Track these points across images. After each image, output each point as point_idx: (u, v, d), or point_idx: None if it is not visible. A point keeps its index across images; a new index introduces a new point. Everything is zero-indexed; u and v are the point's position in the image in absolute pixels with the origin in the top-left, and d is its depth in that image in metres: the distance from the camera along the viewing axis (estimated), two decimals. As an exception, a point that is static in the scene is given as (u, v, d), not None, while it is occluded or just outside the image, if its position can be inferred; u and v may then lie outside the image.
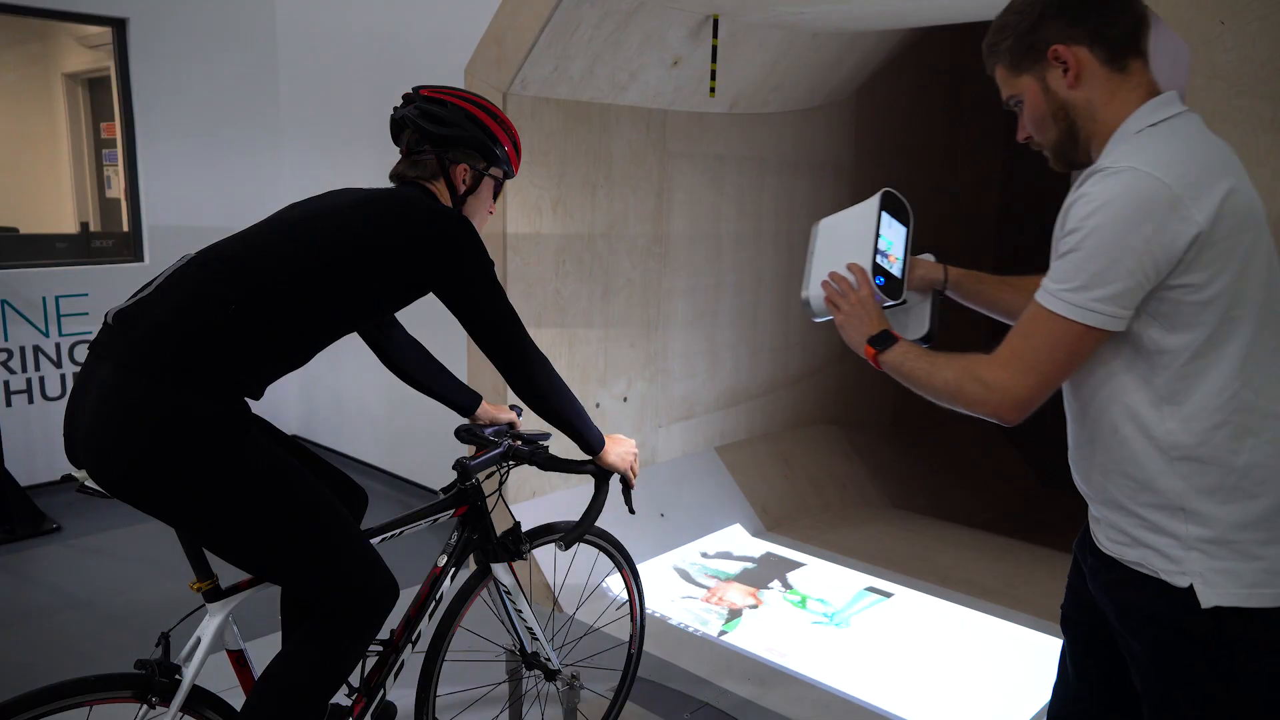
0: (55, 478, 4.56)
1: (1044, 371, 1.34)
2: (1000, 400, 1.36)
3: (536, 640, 2.31)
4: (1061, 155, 1.47)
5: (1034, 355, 1.34)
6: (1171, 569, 1.34)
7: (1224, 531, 1.31)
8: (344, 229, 1.82)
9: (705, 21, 3.77)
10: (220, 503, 1.67)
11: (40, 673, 2.94)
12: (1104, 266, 1.27)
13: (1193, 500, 1.32)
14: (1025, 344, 1.35)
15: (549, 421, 1.96)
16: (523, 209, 3.66)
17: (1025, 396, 1.34)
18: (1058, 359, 1.33)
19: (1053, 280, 1.33)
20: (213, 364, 1.66)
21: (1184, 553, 1.33)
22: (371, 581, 1.80)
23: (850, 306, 1.63)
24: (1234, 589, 1.30)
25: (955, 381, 1.41)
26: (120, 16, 4.66)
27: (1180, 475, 1.33)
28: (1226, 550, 1.31)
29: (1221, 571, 1.31)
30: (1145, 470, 1.35)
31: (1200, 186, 1.26)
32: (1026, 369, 1.34)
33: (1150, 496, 1.36)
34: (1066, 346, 1.32)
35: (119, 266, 4.82)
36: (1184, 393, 1.31)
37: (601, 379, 4.12)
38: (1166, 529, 1.35)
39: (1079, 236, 1.29)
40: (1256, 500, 1.31)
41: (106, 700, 1.69)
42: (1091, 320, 1.29)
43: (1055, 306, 1.31)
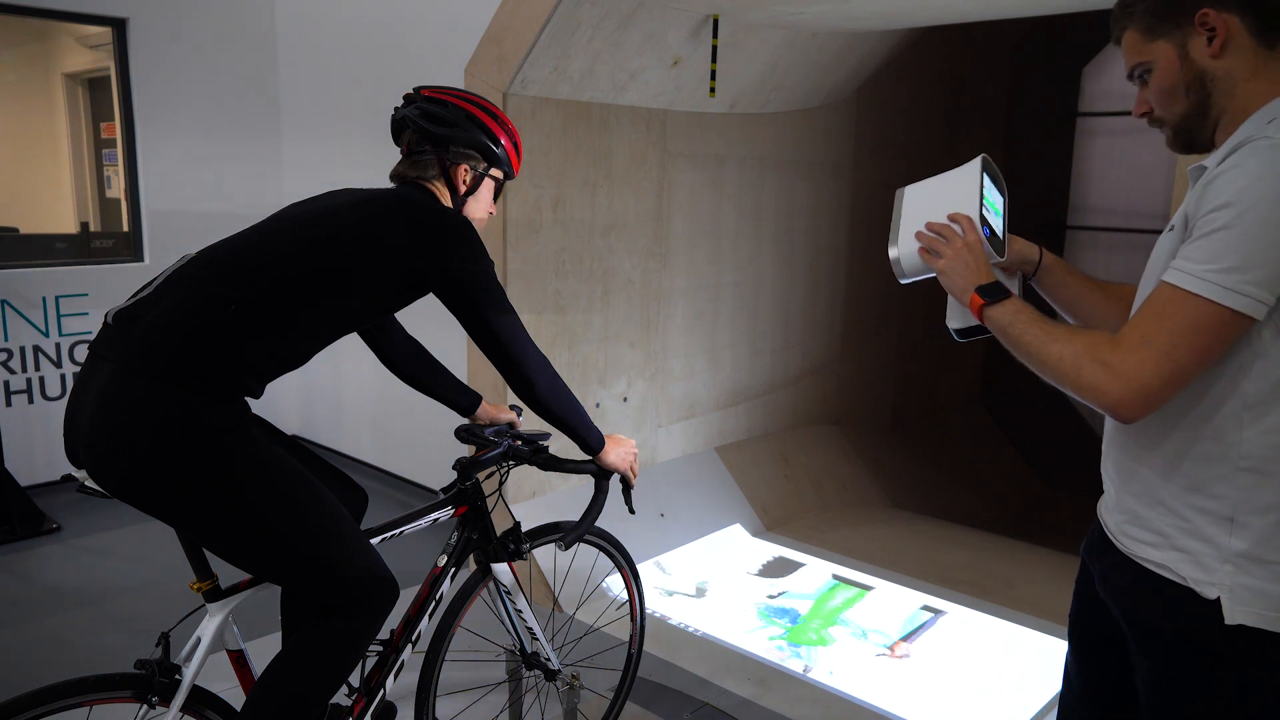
0: (55, 478, 4.56)
1: (1180, 361, 1.19)
2: (1125, 390, 1.22)
3: (536, 640, 2.31)
4: (1185, 132, 1.35)
5: (1170, 341, 1.19)
6: (1201, 578, 1.27)
7: (1266, 550, 1.24)
8: (344, 229, 1.82)
9: (705, 21, 3.77)
10: (220, 503, 1.67)
11: (40, 673, 2.94)
12: (1262, 247, 1.14)
13: (1245, 513, 1.25)
14: (1160, 328, 1.20)
15: (549, 422, 1.96)
16: (523, 209, 3.66)
17: (1155, 388, 1.21)
18: (1197, 347, 1.19)
19: (1194, 260, 1.19)
20: (213, 364, 1.66)
21: (1218, 564, 1.26)
22: (371, 581, 1.80)
23: (955, 252, 1.47)
24: (1262, 609, 1.24)
25: (1073, 361, 1.26)
26: (120, 16, 4.66)
27: (1240, 486, 1.25)
28: (1263, 569, 1.24)
29: (1253, 589, 1.24)
30: (1206, 473, 1.27)
31: None
32: (1160, 356, 1.19)
33: (1201, 500, 1.28)
34: (1210, 333, 1.18)
35: (119, 266, 4.82)
36: (1272, 404, 1.22)
37: (601, 379, 4.12)
38: (1208, 536, 1.27)
39: (1233, 212, 1.16)
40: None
41: (106, 700, 1.69)
42: (1242, 305, 1.16)
43: (1199, 289, 1.17)
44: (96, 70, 5.91)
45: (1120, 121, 7.04)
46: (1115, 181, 7.05)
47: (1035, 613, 3.67)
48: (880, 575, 4.05)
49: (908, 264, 1.56)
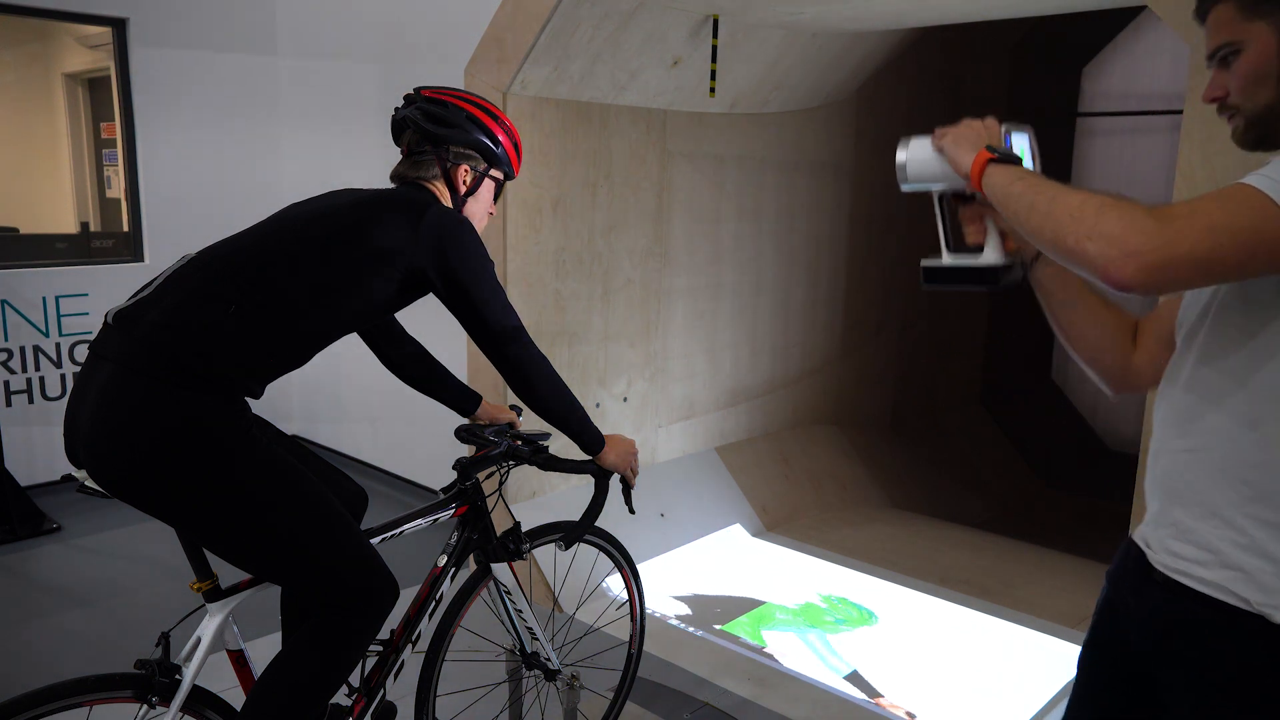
0: (55, 478, 4.56)
1: (1219, 249, 1.05)
2: (1144, 246, 1.04)
3: (536, 640, 2.31)
4: (1262, 124, 1.22)
5: (1224, 221, 1.05)
6: (1262, 599, 1.14)
7: None
8: (344, 229, 1.82)
9: (705, 21, 3.77)
10: (220, 503, 1.67)
11: (40, 673, 2.94)
12: None
13: None
14: (1217, 208, 1.06)
15: (549, 421, 1.96)
16: (523, 209, 3.66)
17: (1177, 261, 1.04)
18: (1244, 245, 1.05)
19: (1272, 172, 1.07)
20: (213, 364, 1.66)
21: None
22: (371, 581, 1.80)
23: (967, 125, 1.32)
24: None
25: (1097, 208, 1.09)
26: (120, 16, 4.66)
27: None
28: None
29: None
30: (1273, 482, 1.15)
31: None
32: (1203, 232, 1.04)
33: (1264, 510, 1.15)
34: (1263, 236, 1.05)
35: (119, 266, 4.82)
36: None
37: (601, 379, 4.12)
38: (1271, 551, 1.14)
39: None
40: None
41: (106, 700, 1.69)
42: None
43: (1276, 192, 1.05)
44: (96, 70, 5.91)
45: (1120, 121, 7.05)
46: (1115, 182, 7.05)
47: (1035, 613, 3.67)
48: (880, 575, 4.05)
49: (914, 167, 1.40)
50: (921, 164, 1.38)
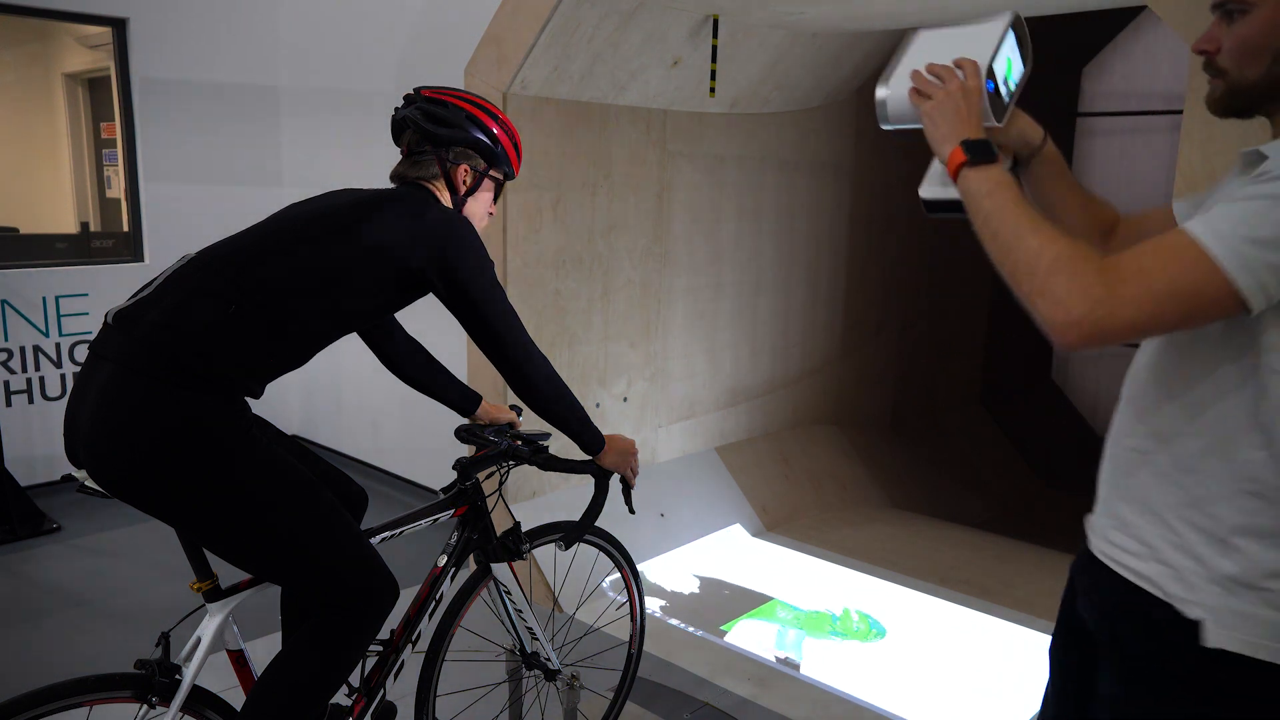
0: (55, 478, 4.56)
1: (1161, 315, 1.06)
2: (1089, 313, 1.06)
3: (536, 640, 2.31)
4: (1239, 97, 1.19)
5: (1165, 287, 1.05)
6: (1184, 597, 1.19)
7: (1257, 576, 1.15)
8: (344, 229, 1.82)
9: (705, 21, 3.77)
10: (220, 503, 1.67)
11: (40, 673, 2.94)
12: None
13: (1242, 536, 1.16)
14: (1162, 271, 1.06)
15: (549, 421, 1.96)
16: (523, 209, 3.66)
17: (1118, 328, 1.06)
18: (1183, 308, 1.06)
19: (1225, 219, 1.05)
20: (213, 364, 1.66)
21: (1205, 584, 1.18)
22: (371, 581, 1.80)
23: (947, 94, 1.27)
24: (1246, 635, 1.15)
25: (1051, 262, 1.09)
26: (120, 16, 4.66)
27: (1242, 509, 1.16)
28: (1251, 594, 1.15)
29: (1241, 614, 1.15)
30: (1207, 490, 1.18)
31: None
32: (1145, 298, 1.05)
33: (1197, 517, 1.19)
34: (1203, 299, 1.05)
35: (119, 266, 4.82)
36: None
37: (601, 379, 4.12)
38: (1198, 554, 1.18)
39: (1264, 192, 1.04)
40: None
41: (106, 700, 1.69)
42: (1249, 286, 1.03)
43: (1219, 250, 1.03)
44: (96, 70, 5.91)
45: (1120, 121, 7.05)
46: (1115, 181, 7.05)
47: (1035, 613, 3.67)
48: (880, 575, 4.05)
49: (894, 107, 1.36)
50: (902, 104, 1.35)
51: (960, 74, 1.29)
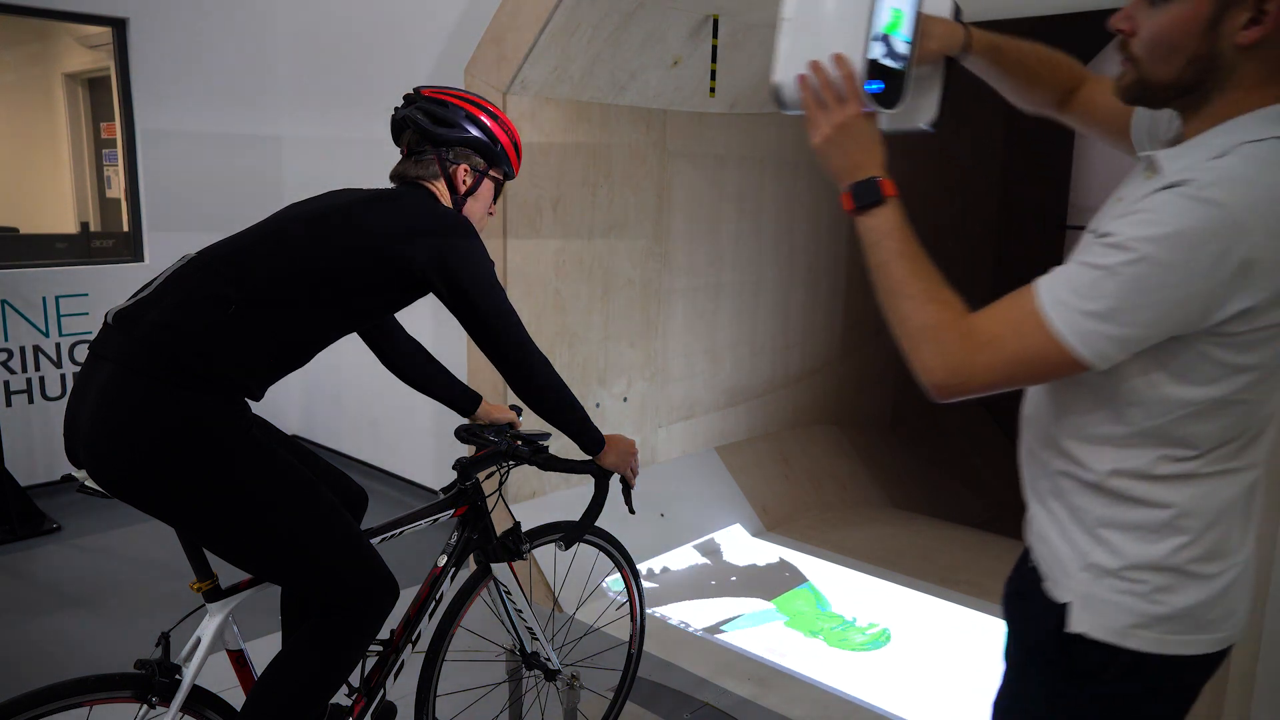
0: (55, 478, 4.56)
1: (1012, 377, 1.13)
2: (949, 380, 1.14)
3: (536, 640, 2.31)
4: (1146, 91, 1.14)
5: (1014, 357, 1.11)
6: (1059, 580, 1.22)
7: (1122, 566, 1.17)
8: (344, 229, 1.82)
9: (705, 21, 3.77)
10: (220, 503, 1.67)
11: (40, 673, 2.94)
12: (1132, 307, 1.04)
13: (1105, 528, 1.18)
14: (1010, 340, 1.11)
15: (549, 421, 1.96)
16: (523, 209, 3.66)
17: (974, 388, 1.14)
18: (1033, 372, 1.13)
19: (1070, 288, 1.07)
20: (213, 364, 1.66)
21: (1077, 570, 1.20)
22: (371, 581, 1.80)
23: (832, 128, 1.22)
24: (1108, 621, 1.17)
25: (918, 330, 1.16)
26: (120, 16, 4.66)
27: (1100, 503, 1.19)
28: (1116, 583, 1.17)
29: (1103, 600, 1.18)
30: (1068, 482, 1.22)
31: None
32: (997, 366, 1.12)
33: (1067, 511, 1.23)
34: (1049, 363, 1.10)
35: (119, 266, 4.82)
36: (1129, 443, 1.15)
37: (601, 379, 4.12)
38: (1073, 540, 1.21)
39: (1124, 258, 1.03)
40: (1167, 541, 1.16)
41: (106, 700, 1.69)
42: (1090, 355, 1.07)
43: (1059, 322, 1.07)
44: (96, 70, 5.91)
45: (1120, 121, 7.03)
46: (1115, 181, 7.03)
47: (1035, 613, 3.66)
48: (880, 575, 4.05)
49: (789, 97, 1.26)
50: (794, 92, 1.25)
51: (839, 83, 1.21)
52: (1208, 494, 1.15)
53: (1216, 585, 1.17)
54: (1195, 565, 1.16)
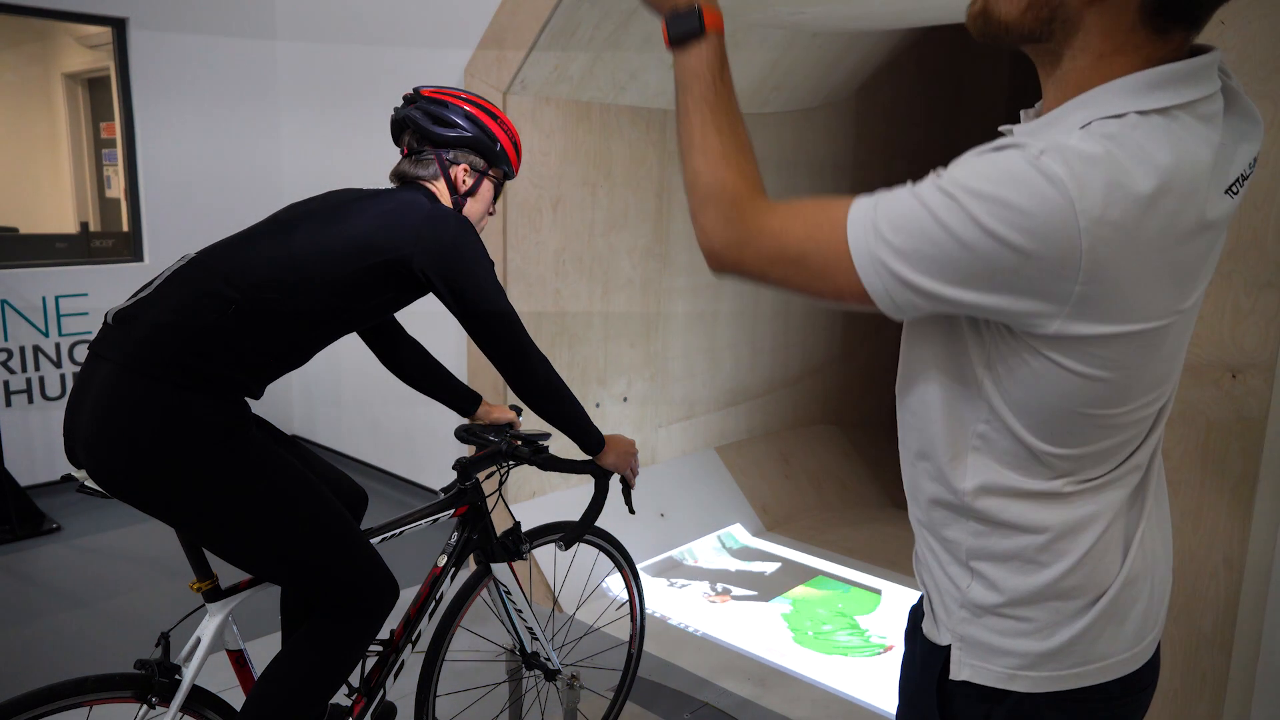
0: (55, 478, 4.56)
1: (787, 274, 0.99)
2: (723, 251, 1.02)
3: (536, 640, 2.32)
4: (989, 25, 1.01)
5: (798, 255, 0.98)
6: (941, 619, 1.11)
7: (1001, 603, 1.06)
8: (344, 229, 1.82)
9: (705, 21, 3.77)
10: (220, 503, 1.67)
11: (40, 673, 2.94)
12: (936, 256, 0.90)
13: (979, 559, 1.07)
14: (801, 235, 0.98)
15: (549, 421, 1.97)
16: (523, 209, 3.66)
17: (748, 273, 1.02)
18: (811, 281, 0.98)
19: (883, 211, 0.94)
20: (213, 364, 1.66)
21: (956, 608, 1.09)
22: (371, 581, 1.81)
23: None
24: (992, 665, 1.07)
25: (705, 190, 1.03)
26: (120, 16, 4.66)
27: (971, 531, 1.07)
28: (997, 621, 1.06)
29: (984, 644, 1.07)
30: (940, 513, 1.09)
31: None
32: (773, 255, 0.99)
33: (939, 541, 1.11)
34: (828, 281, 0.97)
35: (119, 266, 4.82)
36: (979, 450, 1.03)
37: (601, 379, 4.12)
38: (951, 574, 1.10)
39: (941, 200, 0.90)
40: (1048, 570, 1.04)
41: (106, 700, 1.69)
42: (872, 289, 0.94)
43: (855, 242, 0.94)
44: (96, 70, 5.91)
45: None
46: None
47: (1035, 613, 3.67)
48: (880, 575, 4.05)
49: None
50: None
51: None
52: (1085, 512, 1.03)
53: (1114, 606, 1.05)
54: (1082, 591, 1.04)
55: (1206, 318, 2.03)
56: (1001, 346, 0.97)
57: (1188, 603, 2.14)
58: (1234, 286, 1.99)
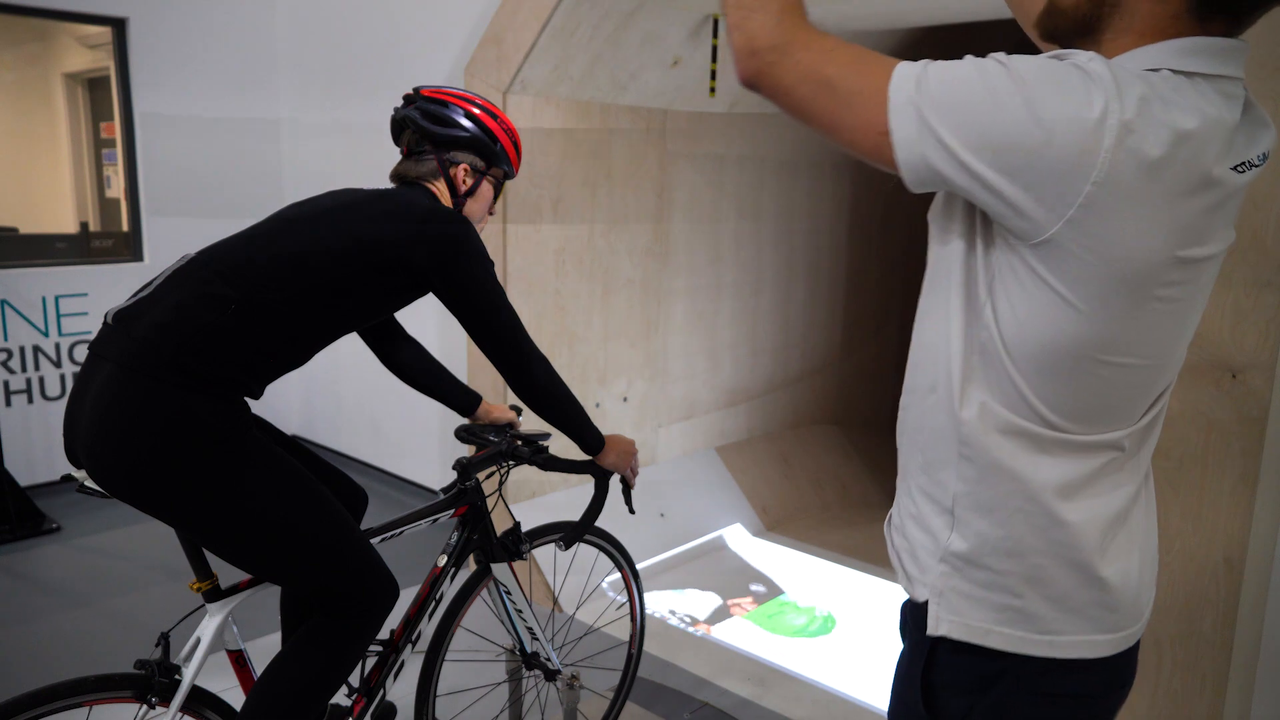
0: (55, 478, 4.56)
1: (814, 96, 1.00)
2: (761, 55, 1.01)
3: (536, 640, 2.32)
4: (1051, 21, 1.08)
5: (830, 77, 0.99)
6: (916, 575, 1.13)
7: (981, 553, 1.07)
8: (344, 229, 1.82)
9: (705, 21, 3.77)
10: (220, 503, 1.67)
11: (40, 673, 2.94)
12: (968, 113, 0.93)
13: (965, 508, 1.08)
14: (843, 63, 1.00)
15: (549, 421, 1.97)
16: (523, 209, 3.66)
17: (775, 84, 1.02)
18: (833, 111, 1.00)
19: (934, 68, 0.96)
20: (213, 364, 1.66)
21: (934, 562, 1.11)
22: (371, 581, 1.80)
23: None
24: (970, 620, 1.08)
25: (758, 4, 1.02)
26: (120, 16, 4.66)
27: (962, 476, 1.07)
28: (976, 573, 1.08)
29: (965, 594, 1.08)
30: (936, 453, 1.10)
31: None
32: (807, 73, 1.00)
33: (929, 484, 1.12)
34: (852, 111, 0.99)
35: (119, 266, 4.82)
36: (979, 376, 1.05)
37: (601, 379, 4.12)
38: (930, 526, 1.11)
39: (994, 67, 0.94)
40: (1030, 525, 1.06)
41: (106, 700, 1.69)
42: (893, 125, 0.96)
43: (896, 84, 0.96)
44: (96, 70, 5.91)
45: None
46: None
47: (1035, 613, 3.67)
48: (880, 575, 4.05)
49: None
50: None
51: None
52: (1073, 474, 1.05)
53: (1095, 581, 1.07)
54: (1061, 556, 1.05)
55: (1207, 318, 2.03)
56: (1001, 265, 1.00)
57: (1188, 603, 2.13)
58: (1234, 286, 1.99)
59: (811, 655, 3.32)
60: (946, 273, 1.07)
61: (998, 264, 1.01)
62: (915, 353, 1.14)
